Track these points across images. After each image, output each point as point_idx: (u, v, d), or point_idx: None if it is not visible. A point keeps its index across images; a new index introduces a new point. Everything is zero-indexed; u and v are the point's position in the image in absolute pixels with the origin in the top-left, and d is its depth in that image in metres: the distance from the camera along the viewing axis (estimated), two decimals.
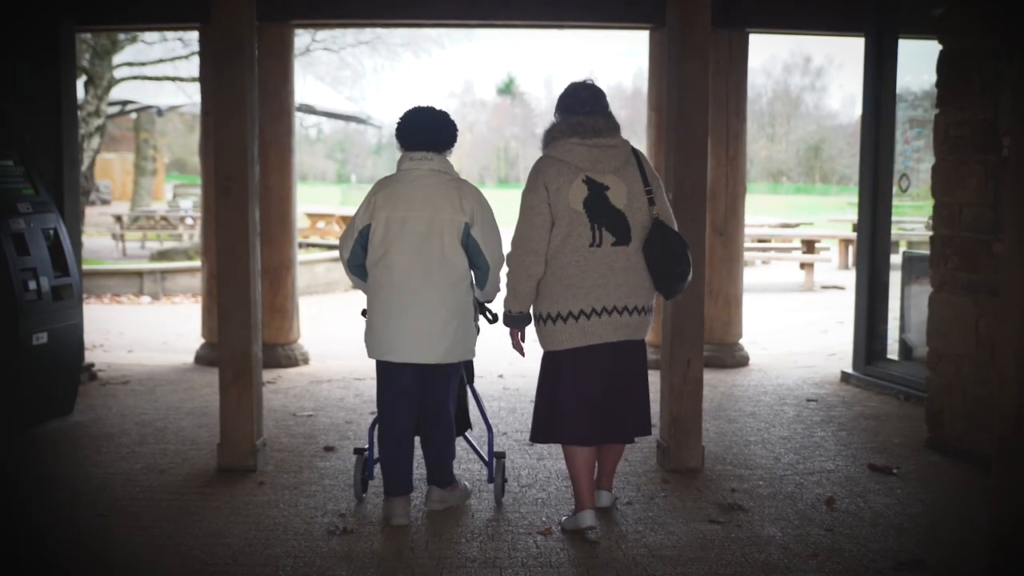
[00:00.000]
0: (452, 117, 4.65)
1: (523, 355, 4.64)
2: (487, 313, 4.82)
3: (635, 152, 4.46)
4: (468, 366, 4.91)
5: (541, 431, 4.50)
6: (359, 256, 4.57)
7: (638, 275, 4.35)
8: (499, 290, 4.67)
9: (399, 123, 4.58)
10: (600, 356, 4.34)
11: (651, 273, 4.37)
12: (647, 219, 4.36)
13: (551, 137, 4.42)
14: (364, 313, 4.65)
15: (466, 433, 5.10)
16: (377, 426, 4.71)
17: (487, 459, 4.95)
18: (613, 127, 4.41)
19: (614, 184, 4.32)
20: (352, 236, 4.56)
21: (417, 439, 4.73)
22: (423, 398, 4.59)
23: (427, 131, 4.53)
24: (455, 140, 4.59)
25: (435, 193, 4.45)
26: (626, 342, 4.38)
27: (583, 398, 4.37)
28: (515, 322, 4.44)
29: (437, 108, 4.63)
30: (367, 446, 4.99)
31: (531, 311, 4.44)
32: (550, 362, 4.46)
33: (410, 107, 4.63)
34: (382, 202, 4.48)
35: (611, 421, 4.43)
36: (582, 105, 4.42)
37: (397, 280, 4.43)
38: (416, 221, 4.42)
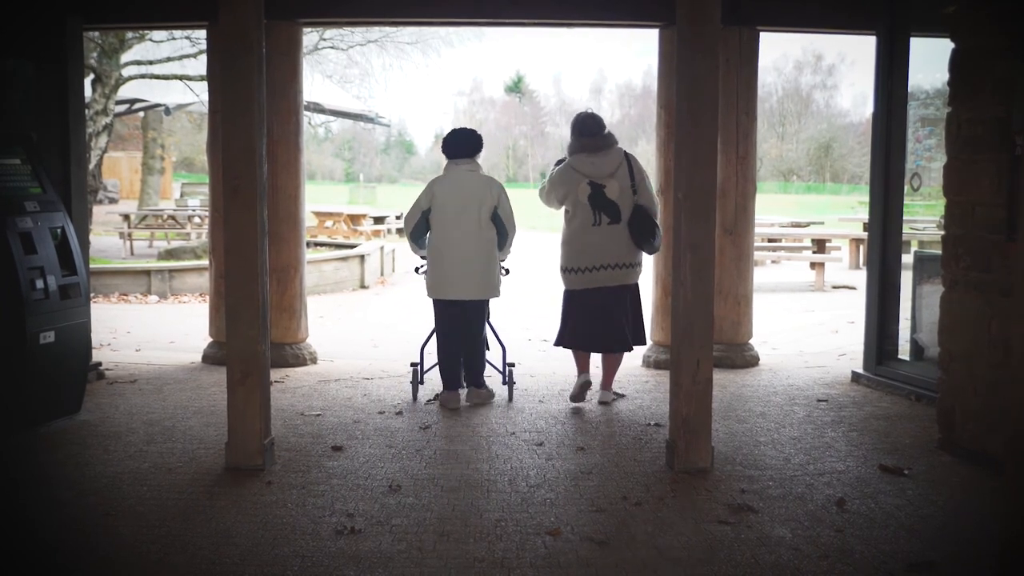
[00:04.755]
0: (479, 132, 6.91)
1: None
2: (503, 269, 6.81)
3: (627, 157, 6.58)
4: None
5: (561, 340, 6.82)
6: (421, 228, 6.71)
7: (627, 242, 6.53)
8: (511, 249, 6.79)
9: (444, 140, 6.76)
10: (600, 294, 6.56)
11: (632, 237, 6.52)
12: (632, 204, 6.51)
13: (570, 151, 6.67)
14: (417, 270, 7.01)
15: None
16: (435, 341, 6.88)
17: (502, 368, 7.06)
18: (610, 143, 6.59)
19: (609, 183, 6.50)
20: (416, 216, 6.71)
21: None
22: (465, 323, 6.71)
23: (463, 145, 6.71)
24: (482, 148, 6.80)
25: (472, 187, 6.61)
26: (622, 285, 6.58)
27: (584, 320, 6.63)
28: None
29: (469, 128, 6.90)
30: (419, 361, 7.08)
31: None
32: (567, 297, 6.75)
33: (452, 128, 6.84)
34: (438, 192, 6.62)
35: (603, 337, 6.64)
36: (587, 129, 6.62)
37: (450, 245, 6.57)
38: (462, 207, 6.57)
